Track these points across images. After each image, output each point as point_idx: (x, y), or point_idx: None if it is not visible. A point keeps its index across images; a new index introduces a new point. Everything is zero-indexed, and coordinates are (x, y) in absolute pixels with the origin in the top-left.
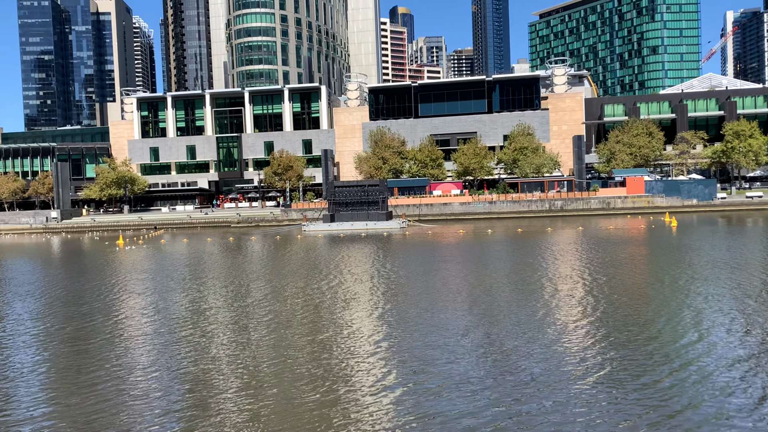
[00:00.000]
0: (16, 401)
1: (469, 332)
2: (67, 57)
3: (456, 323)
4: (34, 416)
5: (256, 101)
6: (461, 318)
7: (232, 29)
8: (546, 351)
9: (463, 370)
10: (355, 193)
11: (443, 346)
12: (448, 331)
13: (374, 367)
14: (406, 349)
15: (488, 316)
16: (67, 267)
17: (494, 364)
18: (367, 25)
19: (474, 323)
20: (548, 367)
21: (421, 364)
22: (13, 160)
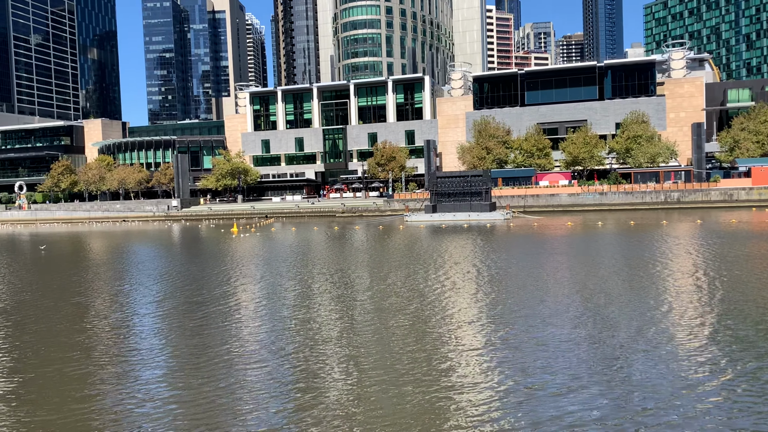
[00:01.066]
0: (144, 384)
1: (578, 329)
2: (186, 54)
3: (565, 320)
4: (158, 397)
5: (360, 93)
6: (570, 315)
7: (339, 23)
8: (663, 355)
9: (572, 371)
10: (457, 184)
11: (551, 344)
12: (557, 327)
13: (480, 362)
14: (513, 346)
15: (599, 313)
16: (188, 253)
17: (606, 364)
18: (473, 14)
19: (584, 320)
20: (664, 373)
21: (529, 361)
22: (138, 152)
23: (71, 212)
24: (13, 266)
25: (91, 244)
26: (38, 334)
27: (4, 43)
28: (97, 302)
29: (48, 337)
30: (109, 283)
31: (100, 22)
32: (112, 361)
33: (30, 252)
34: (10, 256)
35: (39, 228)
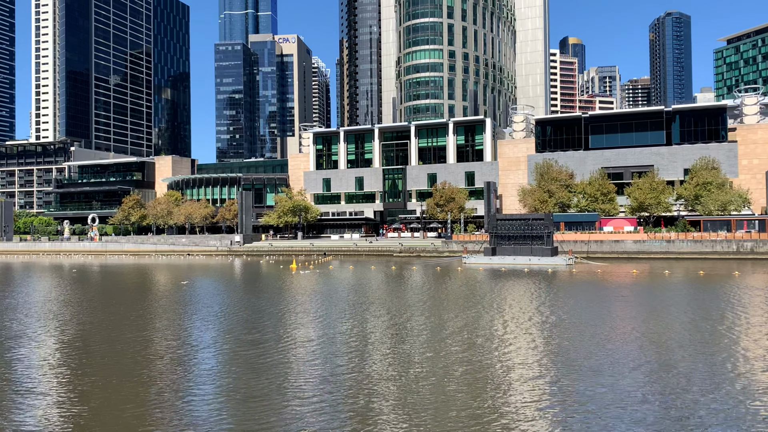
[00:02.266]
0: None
1: (640, 389)
2: (254, 96)
3: (624, 375)
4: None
5: (421, 134)
6: (641, 369)
7: (402, 66)
8: (741, 415)
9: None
10: (518, 227)
11: (610, 399)
12: (616, 382)
13: (536, 411)
14: (579, 401)
15: (671, 367)
16: (249, 288)
17: (680, 426)
18: (536, 57)
19: (647, 379)
20: None
21: (595, 418)
22: (205, 189)
23: (139, 245)
24: (84, 296)
25: (156, 276)
26: (106, 365)
27: (85, 83)
28: (161, 335)
29: (113, 369)
30: (173, 317)
31: (175, 64)
32: (173, 396)
33: (102, 282)
34: (82, 286)
35: (108, 259)
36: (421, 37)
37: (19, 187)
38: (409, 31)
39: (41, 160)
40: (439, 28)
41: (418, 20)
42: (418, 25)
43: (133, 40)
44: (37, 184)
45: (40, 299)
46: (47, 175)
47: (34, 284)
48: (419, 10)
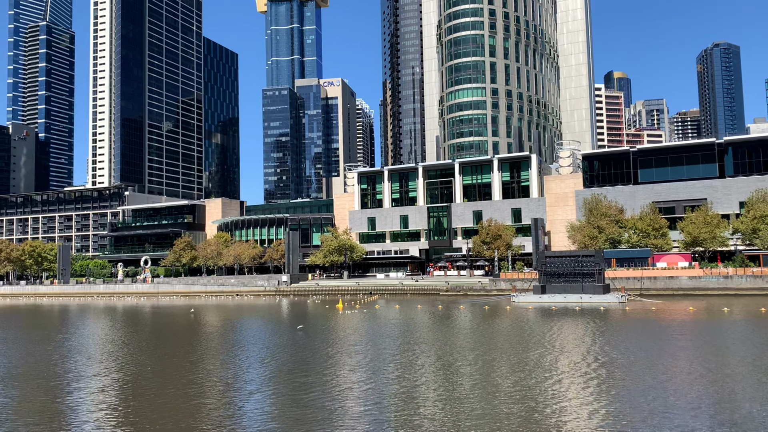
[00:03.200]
0: None
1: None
2: (300, 138)
3: (698, 421)
4: None
5: (465, 172)
6: (704, 414)
7: (445, 105)
8: None
9: None
10: (568, 264)
11: None
12: (684, 423)
13: None
14: None
15: (737, 411)
16: (296, 329)
17: None
18: (581, 92)
19: (721, 419)
20: None
21: None
22: (253, 230)
23: (189, 286)
24: (137, 338)
25: (206, 317)
26: (157, 407)
27: (139, 129)
28: (213, 377)
29: (162, 412)
30: (224, 358)
31: (224, 110)
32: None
33: (153, 324)
34: (135, 328)
35: (160, 301)
36: (463, 76)
37: (76, 231)
38: (452, 71)
39: (97, 204)
40: (481, 66)
41: (460, 60)
42: (460, 64)
43: (184, 87)
44: (93, 228)
45: (97, 341)
46: (103, 219)
47: (90, 326)
48: (461, 50)
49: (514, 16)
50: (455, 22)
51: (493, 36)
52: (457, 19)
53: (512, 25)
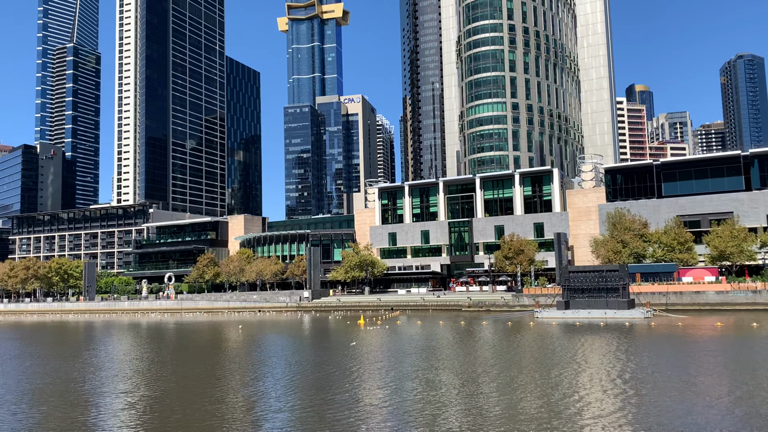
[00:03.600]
0: None
1: None
2: (321, 154)
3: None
4: None
5: (486, 186)
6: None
7: (465, 120)
8: None
9: None
10: (591, 279)
11: None
12: None
13: None
14: None
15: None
16: (317, 345)
17: None
18: (602, 106)
19: None
20: None
21: None
22: (275, 246)
23: (212, 302)
24: (161, 354)
25: (229, 333)
26: (183, 424)
27: (163, 148)
28: (237, 394)
29: (189, 429)
30: (247, 375)
31: (247, 127)
32: None
33: (177, 340)
34: (159, 344)
35: (183, 317)
36: (483, 91)
37: (101, 249)
38: (472, 86)
39: (122, 222)
40: (501, 81)
41: (480, 75)
42: (480, 79)
43: (207, 106)
44: (118, 245)
45: (123, 357)
46: (127, 236)
47: (115, 343)
48: (481, 65)
49: (533, 31)
50: (475, 37)
51: (513, 51)
52: (477, 34)
53: (532, 39)
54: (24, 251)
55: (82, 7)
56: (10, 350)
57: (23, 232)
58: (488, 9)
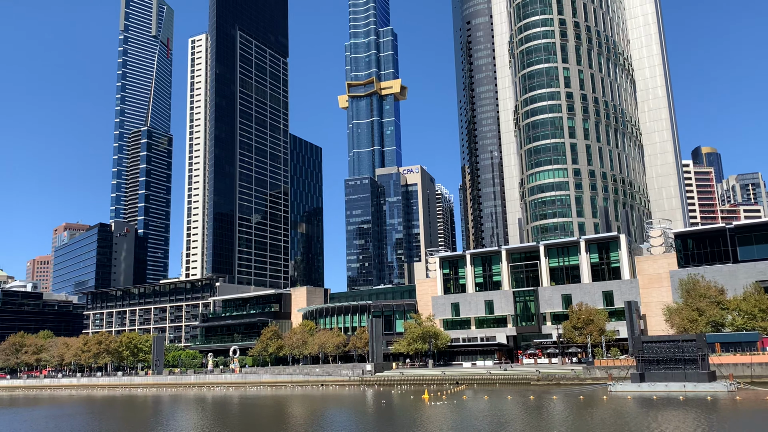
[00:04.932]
0: None
1: None
2: (381, 225)
3: None
4: None
5: (551, 254)
6: None
7: (526, 187)
8: None
9: None
10: (667, 350)
11: None
12: None
13: None
14: None
15: None
16: (385, 423)
17: None
18: (667, 169)
19: None
20: None
21: None
22: (337, 317)
23: (276, 376)
24: (231, 428)
25: (293, 408)
26: None
27: (230, 222)
28: None
29: None
30: None
31: (309, 200)
32: None
33: (242, 416)
34: (224, 421)
35: (247, 391)
36: (543, 158)
37: (169, 323)
38: (531, 153)
39: (189, 296)
40: (561, 148)
41: (539, 142)
42: (539, 146)
43: (272, 181)
44: (185, 318)
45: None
46: (195, 310)
47: (181, 417)
48: (539, 133)
49: (592, 98)
50: (532, 106)
51: (572, 117)
52: (534, 103)
53: (591, 105)
54: (97, 326)
55: (156, 93)
56: (83, 426)
57: (97, 307)
58: (545, 78)
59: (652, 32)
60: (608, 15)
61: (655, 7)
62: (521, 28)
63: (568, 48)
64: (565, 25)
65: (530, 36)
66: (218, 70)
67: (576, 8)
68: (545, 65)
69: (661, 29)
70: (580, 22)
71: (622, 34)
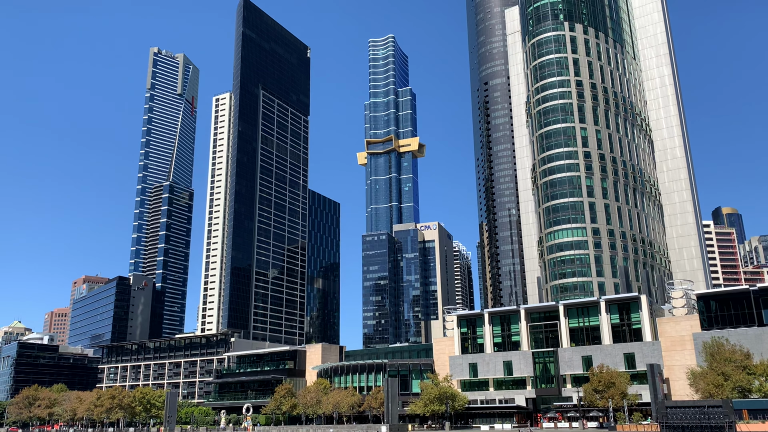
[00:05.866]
0: None
1: None
2: (398, 281)
3: None
4: None
5: (571, 314)
6: None
7: (544, 245)
8: None
9: None
10: (692, 416)
11: None
12: None
13: None
14: None
15: None
16: None
17: None
18: (687, 230)
19: None
20: None
21: None
22: (352, 376)
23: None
24: None
25: None
26: None
27: (247, 277)
28: None
29: None
30: None
31: (326, 256)
32: None
33: None
34: None
35: None
36: (561, 216)
37: (183, 378)
38: (549, 212)
39: (204, 351)
40: (579, 207)
41: (558, 201)
42: (558, 205)
43: (290, 236)
44: (199, 374)
45: None
46: (209, 365)
47: None
48: (557, 192)
49: (610, 157)
50: (550, 165)
51: (590, 176)
52: (552, 162)
53: (609, 165)
54: (111, 380)
55: (179, 148)
56: None
57: (112, 361)
58: (562, 137)
59: (669, 93)
60: (625, 77)
61: (671, 69)
62: (538, 89)
63: (585, 108)
64: (582, 86)
65: (547, 96)
66: (241, 127)
67: (593, 70)
68: (562, 125)
69: (678, 90)
70: (597, 84)
71: (639, 95)
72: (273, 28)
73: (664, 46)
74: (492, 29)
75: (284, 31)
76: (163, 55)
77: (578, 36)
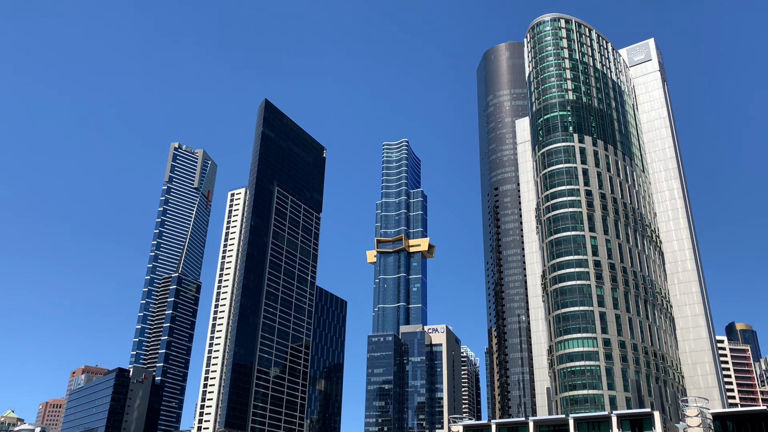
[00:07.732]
0: None
1: None
2: (403, 386)
3: None
4: None
5: (581, 428)
6: None
7: (554, 355)
8: None
9: None
10: None
11: None
12: None
13: None
14: None
15: None
16: None
17: None
18: (701, 344)
19: None
20: None
21: None
22: None
23: None
24: None
25: None
26: None
27: (248, 374)
28: None
29: None
30: None
31: (330, 356)
32: None
33: None
34: None
35: None
36: (572, 325)
37: None
38: (559, 320)
39: None
40: (590, 316)
41: (568, 309)
42: (568, 314)
43: (294, 333)
44: None
45: None
46: None
47: None
48: (568, 300)
49: (620, 267)
50: (560, 272)
51: (600, 286)
52: (562, 269)
53: (619, 275)
54: None
55: (191, 241)
56: None
57: None
58: (572, 245)
59: (679, 206)
60: (634, 188)
61: (680, 182)
62: (548, 197)
63: (594, 217)
64: (591, 196)
65: (557, 204)
66: (253, 221)
67: (602, 180)
68: (572, 233)
69: (687, 203)
70: (606, 194)
71: (649, 207)
72: (291, 128)
73: (673, 160)
74: (503, 138)
75: (302, 131)
76: (183, 150)
77: (587, 147)
